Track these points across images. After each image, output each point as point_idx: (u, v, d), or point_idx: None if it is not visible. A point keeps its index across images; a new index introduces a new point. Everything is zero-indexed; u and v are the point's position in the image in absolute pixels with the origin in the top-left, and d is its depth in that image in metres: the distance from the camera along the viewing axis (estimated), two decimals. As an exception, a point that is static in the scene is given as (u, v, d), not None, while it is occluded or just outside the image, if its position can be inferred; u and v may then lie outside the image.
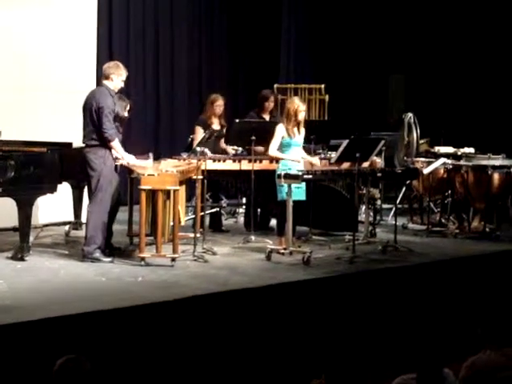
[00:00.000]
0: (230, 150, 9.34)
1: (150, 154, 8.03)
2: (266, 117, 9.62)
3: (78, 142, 8.24)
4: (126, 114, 8.06)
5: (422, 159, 9.91)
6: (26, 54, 9.43)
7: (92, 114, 7.47)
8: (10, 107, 9.18)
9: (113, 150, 7.56)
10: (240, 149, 9.27)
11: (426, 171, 9.32)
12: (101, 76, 9.39)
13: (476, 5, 12.68)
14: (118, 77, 7.62)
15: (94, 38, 10.13)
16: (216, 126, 9.34)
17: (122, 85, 7.73)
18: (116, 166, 7.68)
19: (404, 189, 10.47)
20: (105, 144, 7.47)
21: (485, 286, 7.70)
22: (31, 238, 7.70)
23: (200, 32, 12.50)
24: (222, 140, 9.45)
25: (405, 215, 10.37)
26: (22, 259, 7.39)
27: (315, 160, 8.31)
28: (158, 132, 11.97)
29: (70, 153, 8.24)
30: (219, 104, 9.40)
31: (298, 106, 8.03)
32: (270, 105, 9.64)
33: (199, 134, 9.01)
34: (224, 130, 9.39)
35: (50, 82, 9.60)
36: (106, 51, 11.13)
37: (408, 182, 9.89)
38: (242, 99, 12.13)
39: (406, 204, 10.75)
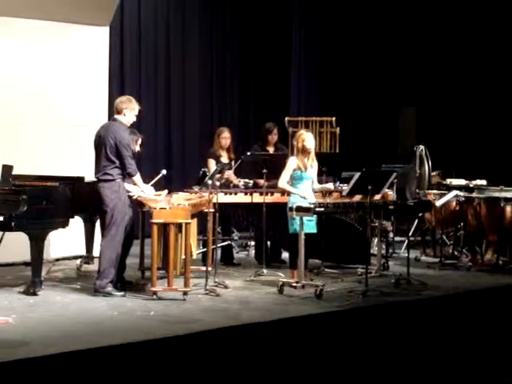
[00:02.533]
0: (237, 181, 9.35)
1: (163, 171, 8.11)
2: (271, 149, 9.63)
3: (89, 175, 8.28)
4: (137, 148, 8.10)
5: (434, 191, 9.90)
6: (39, 88, 9.51)
7: (107, 150, 7.48)
8: (22, 141, 9.25)
9: (125, 184, 7.59)
10: (251, 182, 9.29)
11: (438, 203, 9.30)
12: (112, 110, 9.48)
13: (486, 39, 12.71)
14: (130, 111, 7.65)
15: (106, 72, 10.21)
16: (225, 158, 9.37)
17: (135, 119, 7.77)
18: (129, 198, 7.70)
19: (416, 221, 10.44)
20: (121, 177, 7.49)
21: (499, 319, 7.63)
22: (43, 273, 7.70)
23: (211, 66, 12.61)
24: (231, 172, 9.45)
25: (417, 248, 10.34)
26: (34, 294, 7.39)
27: (330, 185, 8.32)
28: (169, 165, 11.99)
29: (82, 187, 8.26)
30: (225, 136, 9.44)
31: (302, 134, 8.10)
32: (274, 138, 9.65)
33: (212, 166, 9.04)
34: (232, 163, 9.41)
35: (62, 115, 9.68)
36: (118, 85, 11.23)
37: (420, 214, 9.86)
38: (253, 132, 12.16)
39: (418, 236, 10.72)
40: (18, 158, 8.37)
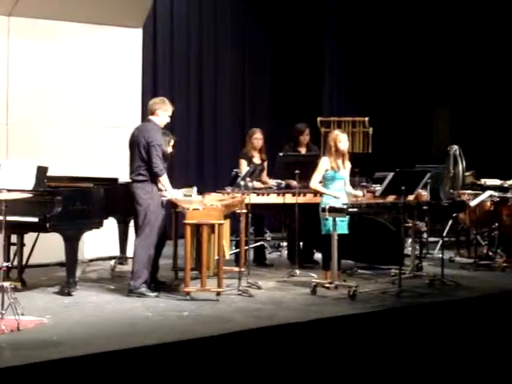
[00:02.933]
0: (271, 182, 9.35)
1: (195, 189, 8.07)
2: (302, 150, 9.62)
3: (123, 176, 8.33)
4: (170, 150, 8.12)
5: (469, 192, 9.82)
6: (73, 89, 9.58)
7: (140, 150, 7.52)
8: (57, 143, 9.33)
9: (159, 185, 7.62)
10: (283, 182, 9.28)
11: (472, 204, 9.23)
12: (145, 111, 9.52)
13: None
14: (163, 112, 7.68)
15: (139, 74, 10.25)
16: (257, 159, 9.38)
17: (168, 120, 7.79)
18: (162, 200, 7.73)
19: (450, 222, 10.36)
20: (152, 179, 7.52)
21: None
22: (78, 273, 7.76)
23: (243, 66, 12.61)
24: (264, 174, 9.46)
25: (451, 248, 10.26)
26: (68, 294, 7.45)
27: (359, 193, 8.27)
28: (201, 166, 12.04)
29: (116, 188, 8.32)
30: (257, 137, 9.43)
31: (338, 135, 8.02)
32: (306, 138, 9.64)
33: (243, 166, 9.05)
34: (265, 164, 9.40)
35: (96, 117, 9.74)
36: (151, 87, 11.28)
37: (454, 214, 9.78)
38: (285, 133, 12.14)
39: (452, 237, 10.64)
40: (53, 159, 8.43)
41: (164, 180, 7.60)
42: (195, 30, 11.96)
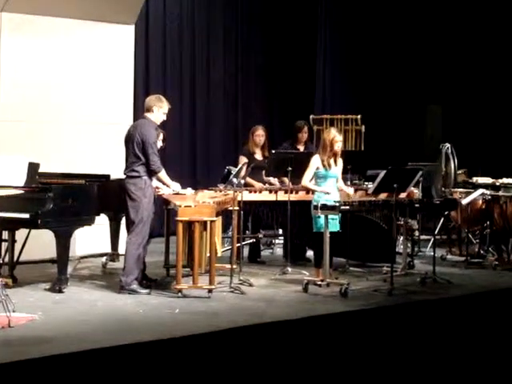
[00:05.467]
0: (274, 181, 9.34)
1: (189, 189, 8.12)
2: (301, 147, 9.63)
3: (115, 173, 8.31)
4: (160, 144, 8.11)
5: (460, 190, 9.84)
6: (65, 86, 9.56)
7: (134, 146, 7.54)
8: (49, 139, 9.30)
9: (154, 181, 7.65)
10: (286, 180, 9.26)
11: (464, 202, 9.24)
12: (137, 108, 9.50)
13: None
14: (159, 109, 7.70)
15: (131, 70, 10.23)
16: (258, 156, 9.41)
17: (164, 117, 7.80)
18: (154, 196, 7.73)
19: (442, 220, 10.38)
20: (146, 175, 7.52)
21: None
22: (69, 270, 7.74)
23: (236, 63, 12.59)
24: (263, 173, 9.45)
25: (443, 246, 10.29)
26: (60, 291, 7.43)
27: (350, 190, 8.27)
28: (194, 163, 12.02)
29: (108, 185, 8.30)
30: (259, 134, 9.46)
31: (335, 136, 7.99)
32: (304, 136, 9.68)
33: (242, 163, 9.04)
34: (266, 162, 9.38)
35: (87, 114, 9.71)
36: (143, 84, 11.27)
37: (446, 212, 9.79)
38: (278, 130, 12.15)
39: (444, 235, 10.66)
40: (44, 155, 8.42)
41: (163, 175, 7.65)
42: (187, 27, 11.94)
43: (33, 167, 7.74)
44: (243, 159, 9.17)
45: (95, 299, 7.29)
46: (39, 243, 7.96)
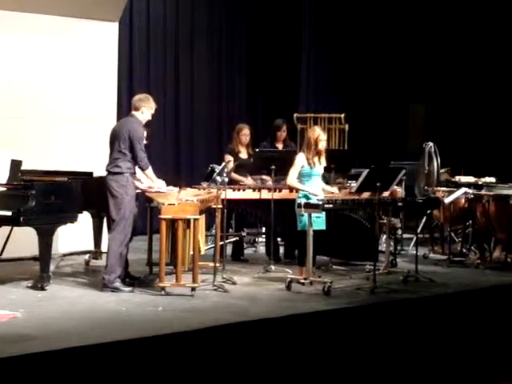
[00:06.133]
0: (265, 177, 9.34)
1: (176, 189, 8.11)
2: (280, 146, 9.65)
3: (98, 171, 8.29)
4: (144, 142, 8.09)
5: (443, 188, 9.87)
6: (48, 83, 9.52)
7: (120, 143, 7.52)
8: (31, 136, 9.26)
9: (136, 180, 7.64)
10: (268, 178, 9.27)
11: (447, 201, 9.28)
12: (121, 105, 9.46)
13: (496, 36, 12.66)
14: (148, 110, 7.71)
15: (115, 68, 10.22)
16: (244, 154, 9.42)
17: (150, 118, 7.79)
18: (136, 194, 7.72)
19: (425, 218, 10.41)
20: (129, 172, 7.51)
21: (506, 317, 7.61)
22: (51, 268, 7.71)
23: (220, 62, 12.60)
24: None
25: (426, 245, 10.33)
26: (42, 288, 7.40)
27: (334, 190, 8.29)
28: (178, 161, 12.01)
29: (91, 182, 8.27)
30: (245, 133, 9.48)
31: (319, 135, 7.99)
32: (283, 134, 9.70)
33: (227, 161, 9.02)
34: (251, 160, 9.37)
35: (70, 111, 9.69)
36: (127, 81, 11.25)
37: (429, 211, 9.84)
38: (262, 129, 12.15)
39: (426, 234, 10.70)
40: (27, 153, 8.37)
41: (149, 173, 7.66)
42: (171, 25, 11.92)
43: (15, 164, 7.71)
44: (228, 157, 9.17)
45: (78, 297, 7.27)
46: (22, 241, 7.92)
